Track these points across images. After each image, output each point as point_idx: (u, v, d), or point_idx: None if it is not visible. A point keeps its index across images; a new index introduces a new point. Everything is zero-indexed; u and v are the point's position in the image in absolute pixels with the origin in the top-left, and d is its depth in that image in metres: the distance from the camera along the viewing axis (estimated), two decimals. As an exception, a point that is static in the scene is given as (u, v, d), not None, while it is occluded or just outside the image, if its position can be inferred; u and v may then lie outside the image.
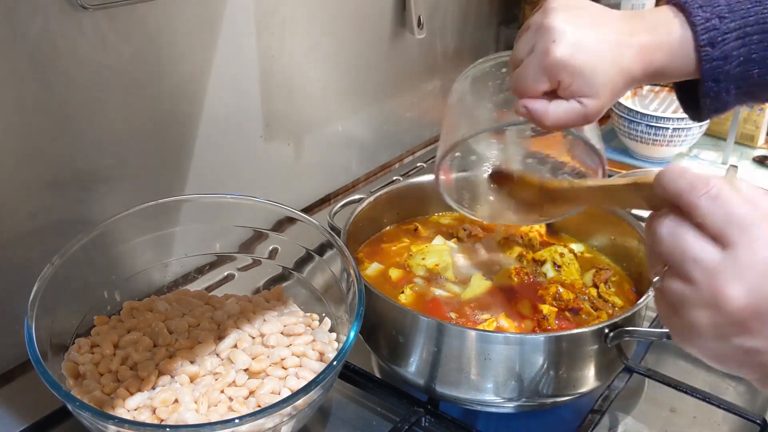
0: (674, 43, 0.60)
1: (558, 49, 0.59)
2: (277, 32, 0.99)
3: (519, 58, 0.63)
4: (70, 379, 0.68)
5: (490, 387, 0.70)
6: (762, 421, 0.73)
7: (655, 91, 1.39)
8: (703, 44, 0.60)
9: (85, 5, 0.73)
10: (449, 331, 0.70)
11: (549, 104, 0.62)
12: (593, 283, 0.84)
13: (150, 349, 0.71)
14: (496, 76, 0.71)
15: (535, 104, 0.62)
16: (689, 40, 0.60)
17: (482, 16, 1.43)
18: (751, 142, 1.39)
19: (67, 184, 0.80)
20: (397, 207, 0.96)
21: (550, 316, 0.77)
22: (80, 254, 0.71)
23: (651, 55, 0.60)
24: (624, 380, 0.79)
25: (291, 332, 0.74)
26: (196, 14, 0.87)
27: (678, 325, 0.48)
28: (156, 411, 0.64)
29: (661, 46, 0.60)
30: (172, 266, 0.84)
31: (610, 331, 0.69)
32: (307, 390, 0.61)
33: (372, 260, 0.89)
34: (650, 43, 0.60)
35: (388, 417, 0.77)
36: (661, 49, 0.60)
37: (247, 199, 0.81)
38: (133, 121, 0.85)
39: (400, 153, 1.35)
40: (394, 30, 1.20)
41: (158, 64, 0.85)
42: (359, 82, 1.18)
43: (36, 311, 0.64)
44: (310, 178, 1.16)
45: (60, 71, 0.75)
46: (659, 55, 0.61)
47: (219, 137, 0.96)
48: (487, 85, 0.72)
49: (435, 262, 0.85)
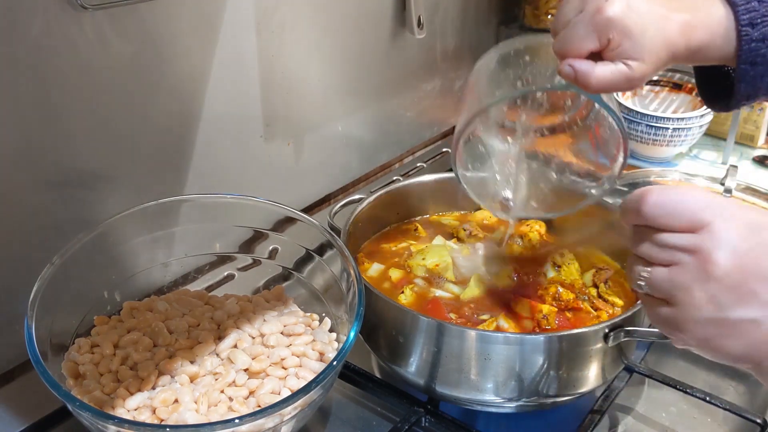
0: (714, 23, 0.62)
1: (611, 7, 0.59)
2: (277, 32, 0.99)
3: (565, 20, 0.63)
4: (70, 379, 0.68)
5: (490, 387, 0.70)
6: (762, 421, 0.73)
7: (655, 91, 1.39)
8: (743, 24, 0.61)
9: (85, 5, 0.73)
10: (449, 331, 0.70)
11: (595, 64, 0.61)
12: (593, 283, 0.84)
13: (150, 349, 0.71)
14: (518, 60, 0.71)
15: (581, 63, 0.61)
16: (729, 21, 0.61)
17: (482, 16, 1.43)
18: (751, 142, 1.39)
19: (67, 183, 0.80)
20: (397, 207, 0.96)
21: (549, 316, 0.77)
22: (80, 254, 0.71)
23: (692, 32, 0.61)
24: (624, 380, 0.79)
25: (291, 332, 0.74)
26: (196, 14, 0.87)
27: (673, 317, 0.49)
28: (156, 411, 0.64)
29: (701, 25, 0.61)
30: (172, 266, 0.84)
31: (610, 331, 0.69)
32: (307, 390, 0.61)
33: (372, 260, 0.89)
34: (691, 21, 0.61)
35: (388, 417, 0.77)
36: (701, 28, 0.61)
37: (247, 199, 0.81)
38: (133, 121, 0.85)
39: (400, 153, 1.35)
40: (394, 30, 1.20)
41: (158, 64, 0.85)
42: (359, 82, 1.18)
43: (36, 311, 0.64)
44: (310, 178, 1.16)
45: (60, 71, 0.75)
46: (700, 33, 0.61)
47: (219, 137, 0.96)
48: (512, 63, 0.72)
49: (435, 262, 0.85)
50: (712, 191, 0.51)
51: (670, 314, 0.49)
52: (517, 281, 0.84)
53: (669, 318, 0.50)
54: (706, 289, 0.47)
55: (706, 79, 0.69)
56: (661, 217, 0.48)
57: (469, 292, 0.82)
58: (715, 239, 0.46)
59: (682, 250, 0.48)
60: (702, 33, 0.62)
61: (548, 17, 1.42)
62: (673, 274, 0.48)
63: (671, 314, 0.49)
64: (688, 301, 0.48)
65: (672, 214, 0.48)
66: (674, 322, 0.49)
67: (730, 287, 0.46)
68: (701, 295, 0.47)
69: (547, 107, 0.77)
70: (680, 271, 0.48)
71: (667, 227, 0.48)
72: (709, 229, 0.47)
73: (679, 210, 0.48)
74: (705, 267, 0.47)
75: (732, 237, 0.46)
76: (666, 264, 0.49)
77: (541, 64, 0.70)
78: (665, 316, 0.50)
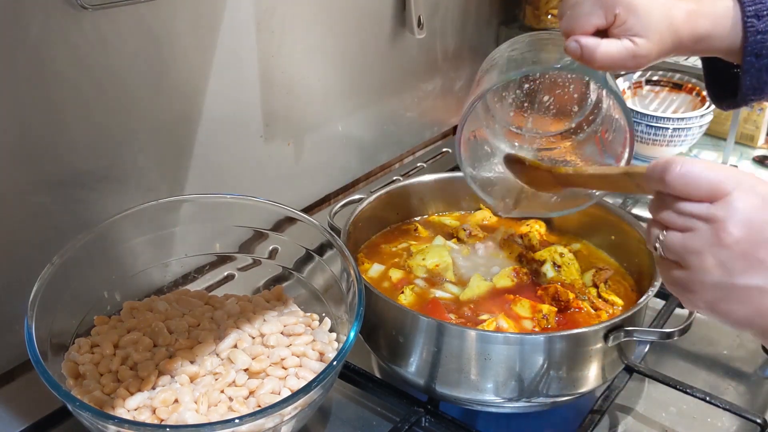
0: (719, 13, 0.63)
1: None
2: (277, 32, 0.99)
3: (572, 2, 0.65)
4: (70, 379, 0.68)
5: (490, 387, 0.70)
6: (762, 421, 0.73)
7: (655, 91, 1.39)
8: (749, 15, 0.63)
9: (85, 5, 0.73)
10: (449, 331, 0.70)
11: (601, 40, 0.63)
12: (593, 283, 0.84)
13: (150, 349, 0.71)
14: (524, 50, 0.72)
15: (587, 39, 0.63)
16: (736, 12, 0.63)
17: (482, 16, 1.43)
18: (751, 142, 1.39)
19: (67, 184, 0.80)
20: (397, 207, 0.96)
21: (549, 316, 0.77)
22: (80, 254, 0.72)
23: (697, 20, 0.63)
24: (624, 380, 0.79)
25: (291, 332, 0.74)
26: (196, 14, 0.87)
27: (684, 279, 0.52)
28: (156, 411, 0.64)
29: (706, 15, 0.63)
30: (172, 266, 0.84)
31: (610, 331, 0.69)
32: (307, 390, 0.61)
33: (372, 260, 0.89)
34: (697, 10, 0.63)
35: (388, 417, 0.77)
36: (706, 17, 0.63)
37: (247, 199, 0.81)
38: (133, 120, 0.85)
39: (400, 153, 1.35)
40: (394, 30, 1.20)
41: (158, 64, 0.85)
42: (359, 82, 1.18)
43: (36, 311, 0.64)
44: (310, 178, 1.16)
45: (60, 71, 0.75)
46: (704, 21, 0.63)
47: (219, 137, 0.96)
48: (518, 52, 0.73)
49: (435, 263, 0.85)
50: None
51: (681, 276, 0.52)
52: (517, 281, 0.84)
53: (680, 279, 0.52)
54: (717, 255, 0.49)
55: (713, 78, 0.70)
56: (683, 186, 0.50)
57: (468, 292, 0.82)
58: (730, 209, 0.48)
59: (699, 218, 0.50)
60: (707, 22, 0.63)
61: (548, 17, 1.42)
62: (687, 239, 0.50)
63: (683, 276, 0.52)
64: (698, 265, 0.50)
65: (694, 183, 0.50)
66: (685, 283, 0.52)
67: (740, 255, 0.48)
68: (711, 261, 0.49)
69: (554, 111, 0.77)
70: (694, 237, 0.50)
71: (687, 196, 0.50)
72: (727, 199, 0.49)
73: (701, 180, 0.50)
74: (718, 234, 0.49)
75: (747, 207, 0.48)
76: (682, 230, 0.51)
77: (548, 53, 0.70)
78: (677, 277, 0.52)
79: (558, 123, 0.80)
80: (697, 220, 0.50)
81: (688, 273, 0.51)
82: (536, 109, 0.78)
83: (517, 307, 0.79)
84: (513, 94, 0.78)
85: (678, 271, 0.52)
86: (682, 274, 0.52)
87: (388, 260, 0.89)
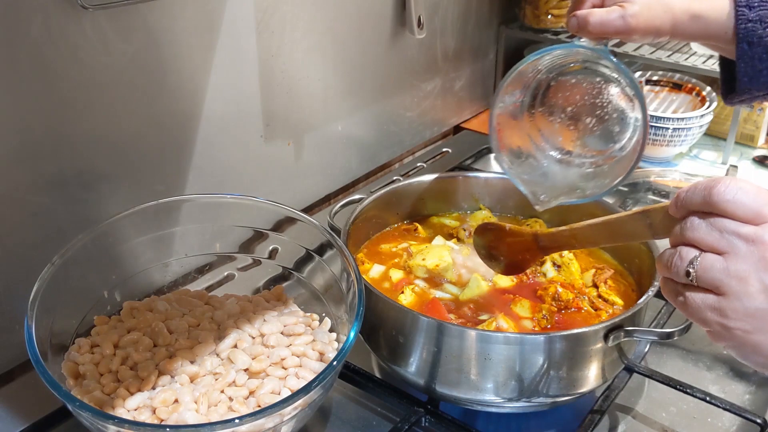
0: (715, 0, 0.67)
1: None
2: (277, 32, 0.99)
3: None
4: (70, 379, 0.68)
5: (490, 387, 0.70)
6: (762, 421, 0.73)
7: (655, 91, 1.39)
8: (741, 5, 0.65)
9: (85, 5, 0.73)
10: (449, 331, 0.70)
11: (593, 9, 0.69)
12: (593, 283, 0.84)
13: (150, 349, 0.71)
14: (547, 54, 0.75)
15: (582, 11, 0.69)
16: (729, 3, 0.66)
17: (482, 16, 1.43)
18: (751, 142, 1.39)
19: (68, 183, 0.80)
20: (397, 207, 0.96)
21: (549, 316, 0.77)
22: (80, 254, 0.72)
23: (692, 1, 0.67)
24: (624, 380, 0.79)
25: (291, 332, 0.74)
26: (196, 14, 0.87)
27: (720, 306, 0.49)
28: (156, 411, 0.64)
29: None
30: (172, 266, 0.84)
31: (610, 331, 0.69)
32: (307, 390, 0.61)
33: (372, 261, 0.89)
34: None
35: (388, 417, 0.77)
36: (702, 1, 0.67)
37: (247, 199, 0.81)
38: (133, 120, 0.85)
39: (400, 153, 1.35)
40: (394, 30, 1.20)
41: (158, 63, 0.85)
42: (359, 82, 1.18)
43: (36, 311, 0.64)
44: (310, 178, 1.16)
45: (60, 71, 0.75)
46: (700, 3, 0.67)
47: (219, 137, 0.96)
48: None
49: (435, 263, 0.85)
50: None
51: (716, 303, 0.49)
52: (517, 281, 0.84)
53: (714, 306, 0.50)
54: (763, 279, 0.47)
55: (728, 75, 0.72)
56: (729, 203, 0.48)
57: (468, 293, 0.82)
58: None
59: (745, 239, 0.48)
60: (700, 3, 0.67)
61: (548, 17, 1.42)
62: (729, 262, 0.48)
63: (718, 303, 0.49)
64: (740, 290, 0.48)
65: (741, 201, 0.48)
66: (720, 310, 0.49)
67: None
68: (756, 285, 0.47)
69: (598, 132, 0.79)
70: (737, 260, 0.48)
71: (731, 214, 0.48)
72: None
73: (749, 199, 0.48)
74: (765, 257, 0.47)
75: None
76: (720, 251, 0.49)
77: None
78: (710, 304, 0.50)
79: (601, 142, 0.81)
80: (741, 240, 0.48)
81: (726, 299, 0.49)
82: (581, 131, 0.79)
83: (517, 307, 0.79)
84: (559, 118, 0.80)
85: (712, 297, 0.50)
86: (716, 300, 0.49)
87: (388, 260, 0.89)
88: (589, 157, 0.80)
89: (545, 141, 0.82)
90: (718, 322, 0.50)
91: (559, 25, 1.43)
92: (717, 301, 0.49)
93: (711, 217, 0.49)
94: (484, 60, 1.48)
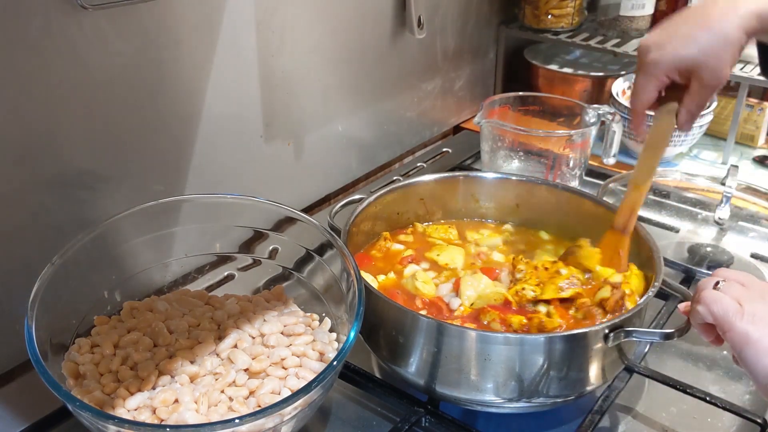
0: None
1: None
2: (277, 32, 0.99)
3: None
4: (70, 379, 0.68)
5: (490, 387, 0.70)
6: (762, 421, 0.73)
7: (655, 91, 1.38)
8: None
9: (85, 5, 0.73)
10: (449, 331, 0.70)
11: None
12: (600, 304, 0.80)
13: (150, 349, 0.71)
14: None
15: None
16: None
17: (482, 16, 1.43)
18: (751, 142, 1.39)
19: (68, 183, 0.80)
20: (397, 207, 0.96)
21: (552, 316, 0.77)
22: (80, 254, 0.71)
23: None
24: (624, 380, 0.79)
25: (291, 332, 0.74)
26: (197, 14, 0.87)
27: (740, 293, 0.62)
28: (156, 411, 0.64)
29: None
30: (172, 266, 0.84)
31: (610, 331, 0.69)
32: (307, 390, 0.61)
33: (372, 261, 0.89)
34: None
35: (388, 417, 0.77)
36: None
37: (247, 199, 0.81)
38: (133, 120, 0.85)
39: (400, 153, 1.35)
40: (394, 30, 1.20)
41: (158, 63, 0.85)
42: (359, 82, 1.18)
43: (36, 311, 0.64)
44: (310, 178, 1.16)
45: (60, 71, 0.75)
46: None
47: (219, 137, 0.96)
48: None
49: (446, 261, 0.87)
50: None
51: (742, 292, 0.61)
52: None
53: (740, 294, 0.61)
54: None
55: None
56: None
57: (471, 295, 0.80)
58: None
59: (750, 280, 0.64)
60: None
61: (548, 17, 1.42)
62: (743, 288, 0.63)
63: (742, 292, 0.61)
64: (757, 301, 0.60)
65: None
66: (743, 296, 0.61)
67: None
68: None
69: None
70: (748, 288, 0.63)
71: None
72: None
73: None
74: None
75: None
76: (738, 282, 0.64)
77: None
78: (737, 293, 0.61)
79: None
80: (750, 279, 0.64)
81: (751, 305, 0.60)
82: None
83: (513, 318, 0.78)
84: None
85: (737, 286, 0.62)
86: (742, 289, 0.61)
87: (388, 261, 0.89)
88: None
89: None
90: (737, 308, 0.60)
91: (559, 25, 1.43)
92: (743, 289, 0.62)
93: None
94: (483, 60, 1.48)
